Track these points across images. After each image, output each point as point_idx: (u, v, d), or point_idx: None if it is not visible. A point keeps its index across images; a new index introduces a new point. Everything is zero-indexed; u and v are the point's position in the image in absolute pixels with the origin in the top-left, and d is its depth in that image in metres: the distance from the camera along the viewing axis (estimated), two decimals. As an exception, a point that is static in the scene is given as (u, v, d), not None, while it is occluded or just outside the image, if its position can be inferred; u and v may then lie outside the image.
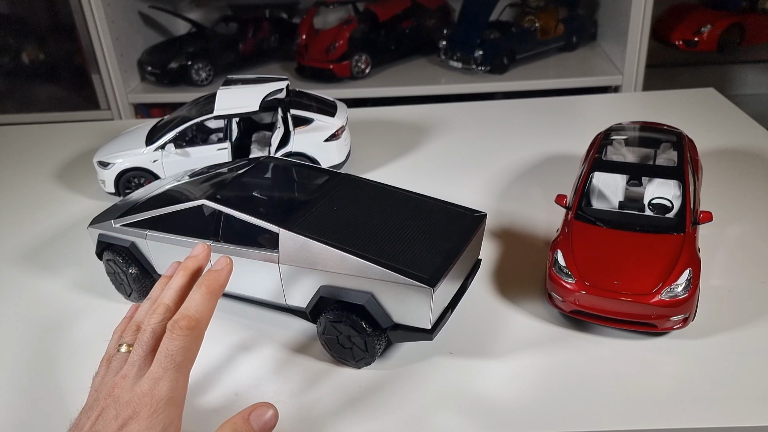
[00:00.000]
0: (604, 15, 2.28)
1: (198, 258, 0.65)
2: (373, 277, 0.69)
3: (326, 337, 0.75)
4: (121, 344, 0.61)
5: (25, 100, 2.32)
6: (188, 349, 0.56)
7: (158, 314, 0.59)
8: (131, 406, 0.54)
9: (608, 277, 0.75)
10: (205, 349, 0.79)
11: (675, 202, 0.86)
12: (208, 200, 0.78)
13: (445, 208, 0.81)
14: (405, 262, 0.70)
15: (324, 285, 0.73)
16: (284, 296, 0.77)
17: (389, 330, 0.72)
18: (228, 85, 1.12)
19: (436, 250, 0.73)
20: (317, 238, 0.72)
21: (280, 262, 0.74)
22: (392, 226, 0.76)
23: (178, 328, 0.56)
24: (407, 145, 1.34)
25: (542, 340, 0.78)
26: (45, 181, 1.27)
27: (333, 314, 0.72)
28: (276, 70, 2.26)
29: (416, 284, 0.67)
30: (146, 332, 0.58)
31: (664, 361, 0.74)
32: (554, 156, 1.24)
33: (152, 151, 1.11)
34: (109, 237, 0.87)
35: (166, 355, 0.55)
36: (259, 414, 0.57)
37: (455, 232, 0.76)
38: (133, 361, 0.57)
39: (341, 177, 0.86)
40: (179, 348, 0.56)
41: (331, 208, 0.78)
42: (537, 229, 1.01)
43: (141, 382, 0.55)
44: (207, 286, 0.60)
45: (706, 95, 1.50)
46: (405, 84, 2.12)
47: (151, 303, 0.64)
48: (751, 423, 0.65)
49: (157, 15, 2.34)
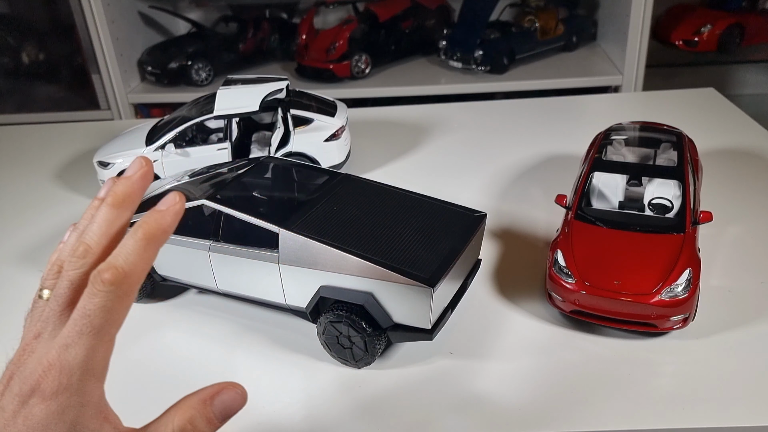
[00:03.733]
0: (604, 15, 2.28)
1: (131, 182, 0.49)
2: (373, 277, 0.69)
3: (326, 337, 0.75)
4: (43, 289, 0.48)
5: (25, 100, 2.31)
6: (111, 310, 0.44)
7: (77, 258, 0.46)
8: (34, 377, 0.42)
9: (608, 277, 0.75)
10: (205, 349, 0.80)
11: (675, 202, 0.86)
12: (208, 200, 0.78)
13: (445, 208, 0.81)
14: (405, 262, 0.70)
15: (324, 285, 0.73)
16: (284, 296, 0.77)
17: (389, 330, 0.72)
18: (228, 85, 1.12)
19: (436, 250, 0.73)
20: (317, 238, 0.72)
21: (280, 262, 0.74)
22: (392, 226, 0.76)
23: (101, 282, 0.43)
24: (407, 145, 1.33)
25: (542, 340, 0.78)
26: (45, 181, 1.27)
27: (333, 314, 0.72)
28: (276, 70, 2.26)
29: (416, 284, 0.67)
30: (63, 282, 0.46)
31: (664, 361, 0.74)
32: (554, 156, 1.24)
33: (152, 151, 1.11)
34: None
35: (83, 315, 0.43)
36: (223, 399, 0.47)
37: (455, 232, 0.76)
38: (47, 316, 0.45)
39: (341, 177, 0.86)
40: (99, 307, 0.43)
41: (331, 208, 0.78)
42: (537, 229, 1.01)
43: (50, 348, 0.44)
44: (145, 231, 0.46)
45: (706, 95, 1.50)
46: (405, 84, 2.12)
47: (77, 235, 0.49)
48: (751, 423, 0.65)
49: (157, 15, 2.34)
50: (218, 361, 0.78)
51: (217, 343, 0.80)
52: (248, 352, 0.79)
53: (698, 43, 2.28)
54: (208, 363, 0.77)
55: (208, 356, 0.78)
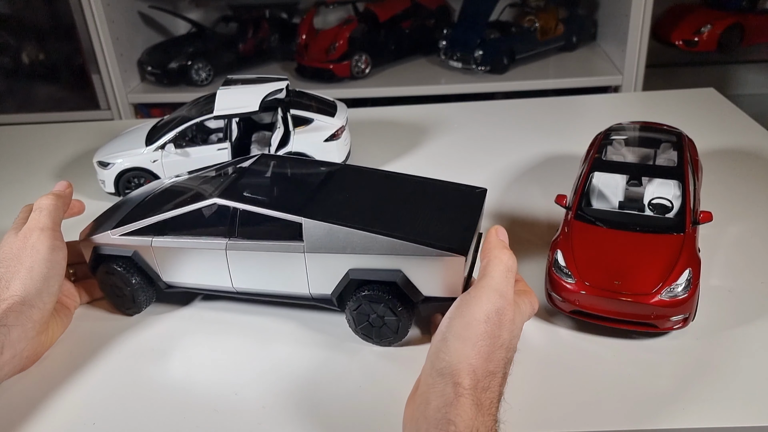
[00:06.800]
0: (604, 15, 2.28)
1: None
2: (404, 254, 0.71)
3: (357, 318, 0.76)
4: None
5: (25, 100, 2.31)
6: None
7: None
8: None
9: (608, 277, 0.75)
10: (205, 349, 0.79)
11: (675, 202, 0.85)
12: (220, 198, 0.77)
13: (447, 186, 0.84)
14: (432, 236, 0.72)
15: (353, 268, 0.74)
16: (308, 285, 0.78)
17: (420, 303, 0.74)
18: (228, 85, 1.12)
19: (454, 224, 0.75)
20: (343, 223, 0.73)
21: (306, 251, 0.75)
22: (405, 206, 0.78)
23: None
24: (407, 145, 1.34)
25: (542, 340, 0.78)
26: (45, 181, 1.27)
27: (364, 294, 0.74)
28: (276, 70, 2.26)
29: (449, 255, 0.70)
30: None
31: (664, 361, 0.74)
32: (554, 156, 1.24)
33: (152, 151, 1.11)
34: (107, 248, 0.83)
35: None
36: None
37: (465, 207, 0.79)
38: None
39: (342, 167, 0.87)
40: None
41: (343, 195, 0.79)
42: (537, 229, 1.01)
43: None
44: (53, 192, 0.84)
45: (706, 95, 1.50)
46: (405, 84, 2.12)
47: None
48: (751, 423, 0.65)
49: (157, 15, 2.34)
50: (217, 361, 0.78)
51: (215, 343, 0.80)
52: (247, 353, 0.79)
53: (698, 43, 2.28)
54: (207, 363, 0.77)
55: (207, 356, 0.78)
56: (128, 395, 0.73)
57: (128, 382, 0.75)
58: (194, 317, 0.85)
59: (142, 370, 0.77)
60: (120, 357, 0.79)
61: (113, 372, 0.77)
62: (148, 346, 0.81)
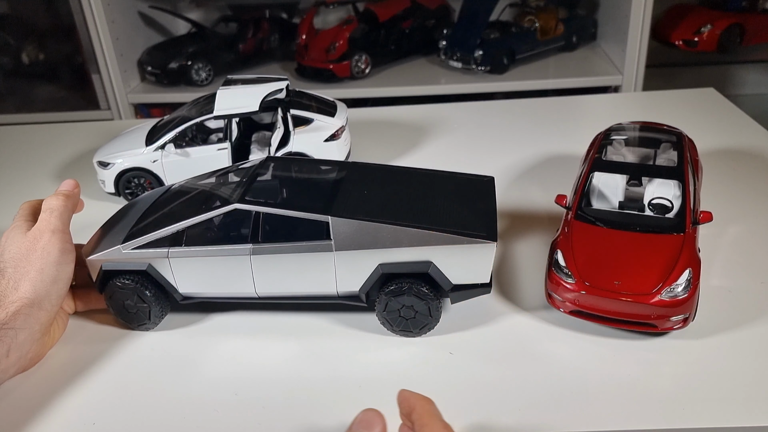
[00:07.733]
0: (604, 15, 2.28)
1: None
2: (434, 244, 0.72)
3: (388, 311, 0.77)
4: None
5: (25, 100, 2.31)
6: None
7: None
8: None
9: (608, 277, 0.75)
10: (205, 350, 0.79)
11: (675, 202, 0.85)
12: (240, 204, 0.75)
13: (457, 177, 0.85)
14: (460, 225, 0.73)
15: (383, 263, 0.75)
16: (336, 284, 0.78)
17: (450, 292, 0.75)
18: (228, 85, 1.12)
19: (475, 212, 0.77)
20: (371, 219, 0.73)
21: (335, 249, 0.75)
22: (423, 198, 0.79)
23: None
24: (407, 145, 1.34)
25: (542, 340, 0.78)
26: (45, 181, 1.27)
27: (397, 287, 0.75)
28: (276, 70, 2.26)
29: (480, 241, 0.72)
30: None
31: (664, 361, 0.74)
32: (554, 156, 1.24)
33: (152, 151, 1.11)
34: (117, 264, 0.79)
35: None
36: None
37: (480, 195, 0.81)
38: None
39: (351, 164, 0.87)
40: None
41: (362, 191, 0.80)
42: (537, 229, 1.01)
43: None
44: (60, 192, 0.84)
45: (706, 95, 1.50)
46: (405, 84, 2.12)
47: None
48: (751, 423, 0.65)
49: (157, 15, 2.34)
50: (217, 361, 0.78)
51: (215, 344, 0.80)
52: (247, 353, 0.79)
53: (698, 43, 2.28)
54: (207, 363, 0.77)
55: (208, 357, 0.78)
56: (128, 395, 0.73)
57: (128, 383, 0.75)
58: (194, 318, 0.85)
59: (142, 370, 0.77)
60: (120, 357, 0.79)
61: (113, 372, 0.77)
62: (148, 346, 0.81)
